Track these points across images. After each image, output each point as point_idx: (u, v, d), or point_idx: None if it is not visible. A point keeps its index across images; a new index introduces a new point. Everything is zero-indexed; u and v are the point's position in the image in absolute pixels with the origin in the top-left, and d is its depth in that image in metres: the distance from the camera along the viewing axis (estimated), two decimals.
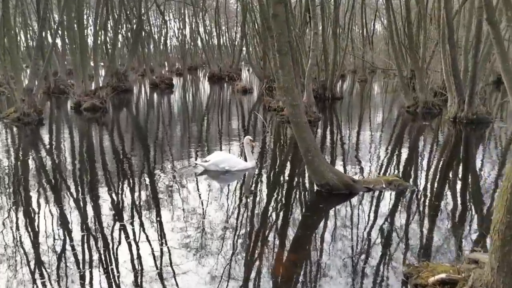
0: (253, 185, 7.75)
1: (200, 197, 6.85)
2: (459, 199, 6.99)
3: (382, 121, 15.88)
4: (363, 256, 4.89)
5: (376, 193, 6.93)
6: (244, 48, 36.89)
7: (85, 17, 33.98)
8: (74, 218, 6.00)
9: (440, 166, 9.09)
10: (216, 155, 8.47)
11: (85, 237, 5.37)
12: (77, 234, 5.46)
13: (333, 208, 6.50)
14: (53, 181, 8.00)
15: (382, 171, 8.58)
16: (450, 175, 8.44)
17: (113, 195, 7.12)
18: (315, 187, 7.10)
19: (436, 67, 21.71)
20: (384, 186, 7.03)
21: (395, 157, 9.97)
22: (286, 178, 8.07)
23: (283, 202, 6.83)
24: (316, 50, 14.73)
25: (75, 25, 18.83)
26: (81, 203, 6.66)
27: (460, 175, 8.41)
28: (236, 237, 5.43)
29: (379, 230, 5.60)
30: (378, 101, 23.35)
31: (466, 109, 13.53)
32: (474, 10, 13.95)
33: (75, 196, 7.07)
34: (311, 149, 6.82)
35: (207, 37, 43.65)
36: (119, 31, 33.71)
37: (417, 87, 16.57)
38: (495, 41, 9.44)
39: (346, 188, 6.86)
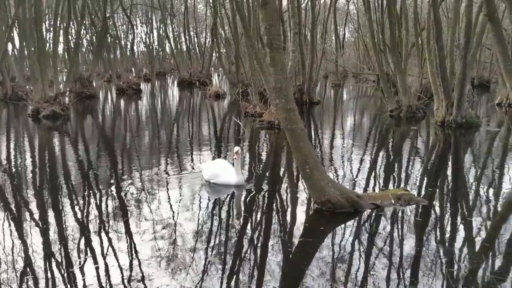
0: (239, 203, 6.62)
1: (175, 214, 5.71)
2: (483, 214, 6.05)
3: (367, 127, 15.11)
4: None
5: (385, 210, 5.96)
6: (214, 53, 35.85)
7: (47, 22, 32.34)
8: (34, 235, 5.24)
9: (445, 175, 8.24)
10: (207, 163, 7.58)
11: (48, 254, 4.73)
12: (38, 251, 4.81)
13: (337, 231, 5.47)
14: (6, 196, 6.76)
15: (381, 183, 7.66)
16: (463, 186, 7.53)
17: (77, 209, 6.18)
18: (314, 205, 6.07)
19: (409, 71, 21.20)
20: (393, 201, 6.08)
21: (391, 166, 9.07)
22: (277, 194, 6.96)
23: (275, 224, 5.72)
24: (296, 51, 13.79)
25: (33, 26, 17.24)
26: (42, 219, 5.75)
27: (475, 186, 7.49)
28: (217, 269, 4.38)
29: (396, 259, 4.62)
30: (357, 105, 22.69)
31: (455, 113, 12.83)
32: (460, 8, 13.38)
33: (34, 211, 6.04)
34: (310, 160, 5.80)
35: (175, 42, 42.34)
36: (83, 35, 32.13)
37: (399, 90, 15.86)
38: (496, 38, 8.71)
39: (350, 206, 5.85)
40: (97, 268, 4.39)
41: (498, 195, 6.94)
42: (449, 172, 8.49)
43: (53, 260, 4.62)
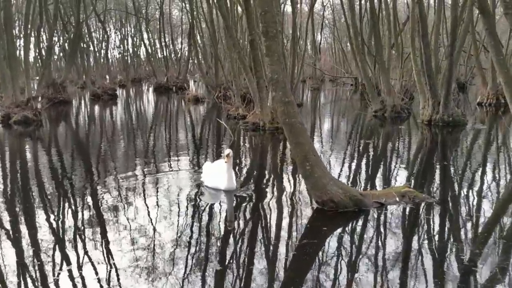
0: (231, 207, 6.10)
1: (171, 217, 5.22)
2: (492, 211, 5.76)
3: (353, 127, 14.84)
4: None
5: (390, 208, 5.59)
6: (191, 58, 35.40)
7: (17, 28, 31.18)
8: (6, 245, 4.73)
9: (442, 173, 7.94)
10: (207, 164, 7.08)
11: (21, 266, 4.24)
12: (11, 262, 4.32)
13: (342, 232, 5.07)
14: None
15: (378, 181, 7.32)
16: (464, 182, 7.28)
17: (52, 218, 5.63)
18: (315, 205, 5.66)
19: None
20: (397, 199, 5.72)
21: (386, 165, 8.78)
22: (274, 196, 6.50)
23: (275, 227, 5.25)
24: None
25: (3, 29, 16.40)
26: (14, 229, 5.21)
27: (476, 181, 7.26)
28: (215, 271, 4.01)
29: (406, 261, 4.25)
30: (339, 107, 22.49)
31: (442, 111, 12.66)
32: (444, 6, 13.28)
33: (5, 221, 5.49)
34: (310, 157, 5.39)
35: (151, 48, 41.57)
36: (55, 42, 31.13)
37: (383, 91, 15.69)
38: (488, 32, 8.52)
39: (354, 205, 5.46)
40: (72, 280, 3.93)
41: (500, 189, 6.70)
42: (445, 169, 8.21)
43: (26, 272, 4.13)
